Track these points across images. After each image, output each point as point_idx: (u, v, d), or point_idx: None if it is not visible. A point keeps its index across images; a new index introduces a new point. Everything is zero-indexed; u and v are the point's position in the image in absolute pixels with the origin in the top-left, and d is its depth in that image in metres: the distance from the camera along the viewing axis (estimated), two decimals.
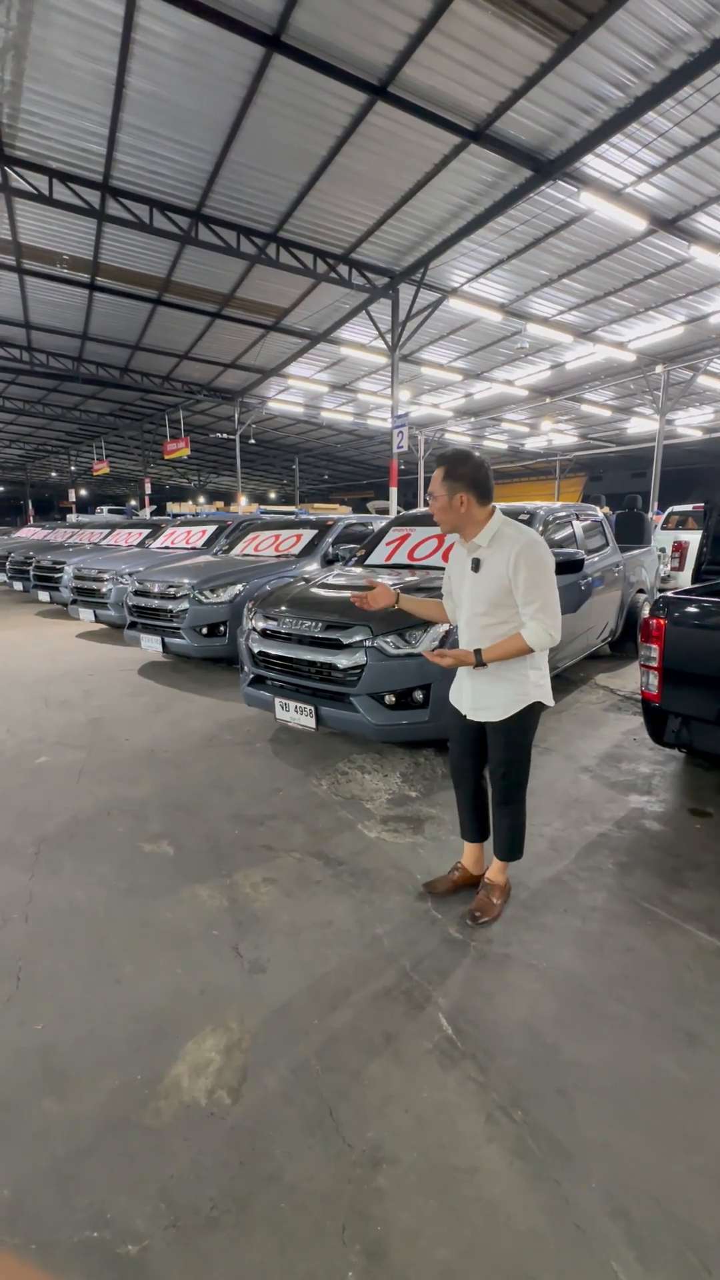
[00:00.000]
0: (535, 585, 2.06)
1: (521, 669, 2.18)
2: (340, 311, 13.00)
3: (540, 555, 2.07)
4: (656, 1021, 1.85)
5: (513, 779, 2.29)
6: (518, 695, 2.19)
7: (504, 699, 2.20)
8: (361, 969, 2.07)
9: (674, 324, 12.99)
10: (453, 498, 2.11)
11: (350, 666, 3.46)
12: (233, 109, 7.01)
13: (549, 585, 2.08)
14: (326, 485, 42.56)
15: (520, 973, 2.05)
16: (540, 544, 2.09)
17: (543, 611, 2.06)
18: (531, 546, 2.07)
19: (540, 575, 2.07)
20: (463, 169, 7.91)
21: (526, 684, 2.19)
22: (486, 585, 2.14)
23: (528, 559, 2.05)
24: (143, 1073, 1.68)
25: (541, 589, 2.06)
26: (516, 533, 2.11)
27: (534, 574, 2.06)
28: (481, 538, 2.14)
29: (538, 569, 2.06)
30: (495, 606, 2.14)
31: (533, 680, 2.20)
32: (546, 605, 2.06)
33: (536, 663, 2.21)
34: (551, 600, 2.07)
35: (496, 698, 2.21)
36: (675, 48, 5.79)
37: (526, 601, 2.07)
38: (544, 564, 2.07)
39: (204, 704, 5.03)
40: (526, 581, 2.06)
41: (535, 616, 2.07)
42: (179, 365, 17.34)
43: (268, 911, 2.38)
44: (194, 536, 8.96)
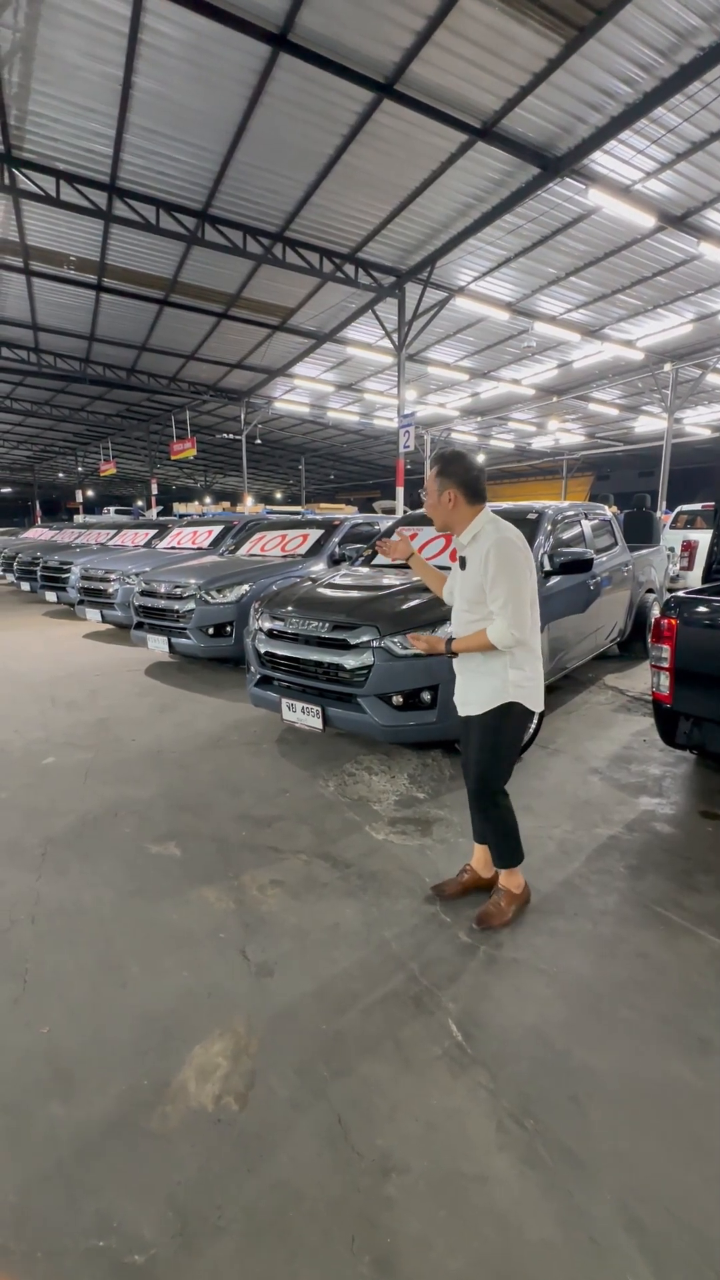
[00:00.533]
0: (499, 581, 2.07)
1: (499, 667, 2.17)
2: (346, 311, 12.98)
3: (508, 552, 2.08)
4: (669, 1027, 1.82)
5: (482, 780, 2.26)
6: (493, 692, 2.19)
7: (480, 694, 2.22)
8: (369, 973, 2.05)
9: (682, 321, 12.90)
10: (441, 494, 2.18)
11: (357, 667, 3.44)
12: (239, 109, 7.00)
13: (515, 582, 2.07)
14: (333, 485, 42.57)
15: (530, 977, 2.03)
16: (511, 542, 2.10)
17: (505, 608, 2.07)
18: (501, 544, 2.08)
19: (505, 572, 2.07)
20: (469, 167, 7.87)
21: (505, 683, 2.17)
22: (468, 582, 2.18)
23: (495, 554, 2.08)
24: (150, 1077, 1.67)
25: (506, 585, 2.07)
26: (494, 530, 2.14)
27: (499, 570, 2.07)
28: (465, 536, 2.19)
29: (503, 565, 2.07)
30: (474, 604, 2.17)
31: (512, 680, 2.17)
32: (510, 601, 2.06)
33: (518, 663, 2.17)
34: (516, 597, 2.07)
35: (474, 692, 2.24)
36: (685, 42, 5.73)
37: (493, 598, 2.09)
38: (511, 561, 2.08)
39: (211, 705, 5.02)
40: (493, 578, 2.08)
41: (499, 612, 2.08)
42: (185, 366, 17.37)
43: (275, 914, 2.36)
44: (200, 537, 8.97)
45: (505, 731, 2.23)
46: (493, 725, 2.22)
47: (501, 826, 2.28)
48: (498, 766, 2.26)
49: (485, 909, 2.30)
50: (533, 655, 2.20)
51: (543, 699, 2.30)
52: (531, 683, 2.21)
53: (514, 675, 2.17)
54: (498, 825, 2.28)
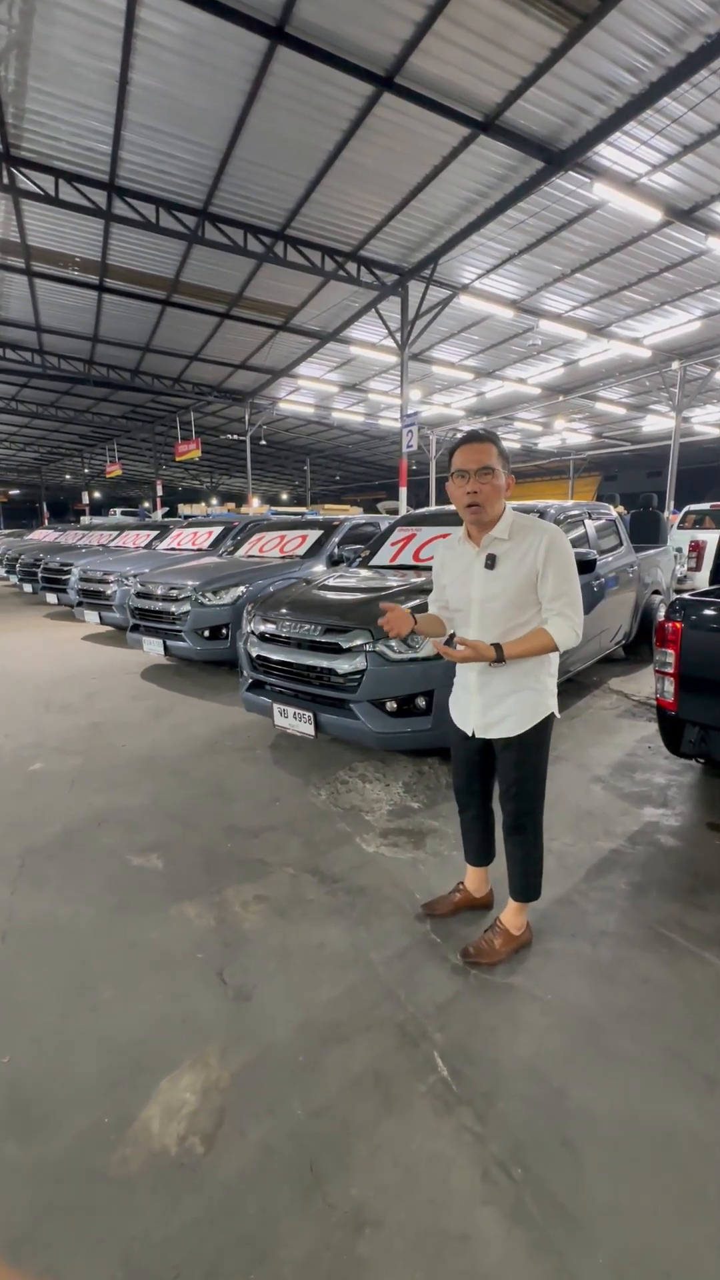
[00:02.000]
0: (565, 578, 1.89)
1: (540, 675, 1.98)
2: (349, 310, 12.88)
3: (568, 547, 1.92)
4: (673, 1062, 1.69)
5: (525, 803, 2.04)
6: (535, 705, 1.97)
7: (521, 710, 1.97)
8: (353, 999, 1.94)
9: (691, 319, 12.71)
10: (505, 477, 1.90)
11: (350, 672, 3.33)
12: (237, 104, 6.91)
13: (576, 579, 1.93)
14: (338, 486, 42.49)
15: (525, 1005, 1.91)
16: (565, 539, 1.93)
17: (570, 607, 1.89)
18: (560, 537, 1.91)
19: (570, 568, 1.91)
20: (472, 161, 7.75)
21: (544, 692, 1.99)
22: (509, 583, 1.89)
23: (559, 550, 1.89)
24: (113, 1114, 1.56)
25: (571, 582, 1.90)
26: (535, 524, 1.93)
27: (563, 567, 1.89)
28: (500, 529, 1.92)
29: (567, 561, 1.90)
30: (518, 607, 1.91)
31: (549, 688, 2.01)
32: (574, 600, 1.90)
33: (550, 667, 2.02)
34: (578, 595, 1.91)
35: (512, 708, 1.97)
36: (691, 29, 5.59)
37: (555, 595, 1.88)
38: (571, 556, 1.93)
39: (206, 709, 4.93)
40: (556, 575, 1.88)
41: (562, 612, 1.88)
42: (189, 367, 17.33)
43: (257, 932, 2.25)
44: (200, 538, 8.89)
45: (545, 746, 2.05)
46: (535, 742, 2.00)
47: (535, 852, 2.10)
48: (540, 786, 2.07)
49: (478, 944, 2.10)
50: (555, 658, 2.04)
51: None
52: (556, 687, 2.08)
53: (550, 683, 2.02)
54: (529, 851, 2.09)
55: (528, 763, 2.02)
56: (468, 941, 2.16)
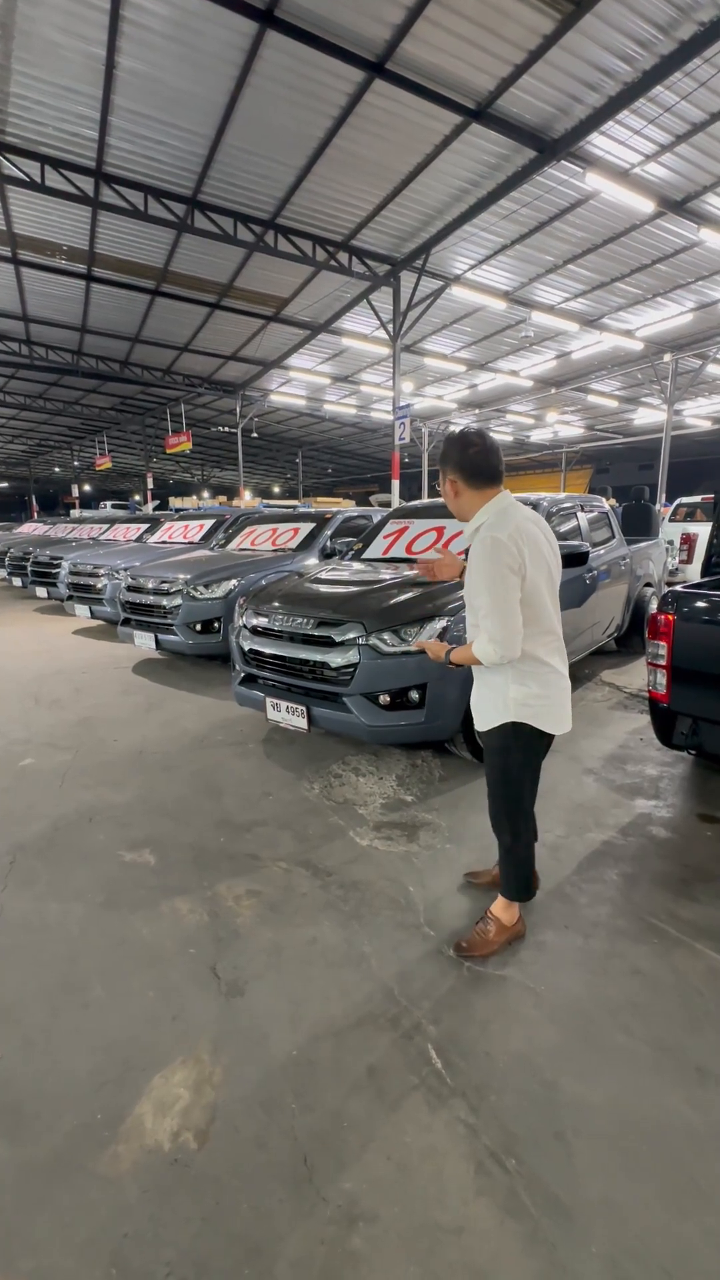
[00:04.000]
0: (478, 589, 1.81)
1: (500, 682, 1.94)
2: (341, 301, 12.77)
3: (490, 554, 1.76)
4: (665, 1055, 1.70)
5: (492, 804, 2.10)
6: (492, 710, 1.99)
7: (483, 708, 2.04)
8: (346, 992, 1.93)
9: (682, 311, 12.70)
10: (445, 483, 1.95)
11: (343, 665, 3.31)
12: (226, 90, 6.80)
13: (497, 592, 1.76)
14: (331, 479, 42.31)
15: (518, 997, 1.91)
16: (497, 540, 1.76)
17: (487, 619, 1.80)
18: (480, 543, 1.80)
19: (485, 578, 1.78)
20: (464, 150, 7.68)
21: (504, 699, 1.93)
22: (466, 585, 1.98)
23: (477, 553, 1.81)
24: (104, 1111, 1.55)
25: (486, 594, 1.78)
26: (490, 524, 1.83)
27: (477, 574, 1.81)
28: (470, 527, 1.92)
29: (483, 570, 1.78)
30: (471, 607, 1.95)
31: (513, 696, 1.91)
32: (493, 615, 1.78)
33: (521, 677, 1.90)
34: (499, 608, 1.76)
35: (479, 704, 2.06)
36: (685, 17, 5.54)
37: (475, 607, 1.87)
38: (493, 564, 1.76)
39: (198, 703, 4.90)
40: (471, 583, 1.86)
41: (483, 625, 1.82)
42: (179, 358, 17.15)
43: (249, 927, 2.24)
44: (192, 531, 8.82)
45: (510, 753, 1.98)
46: (495, 746, 2.02)
47: (510, 857, 2.08)
48: (508, 790, 2.04)
49: (471, 935, 2.11)
50: (543, 668, 1.91)
51: (565, 718, 1.99)
52: (540, 700, 1.91)
53: (516, 692, 1.90)
54: (506, 851, 2.10)
55: (490, 764, 2.08)
56: (462, 936, 2.16)
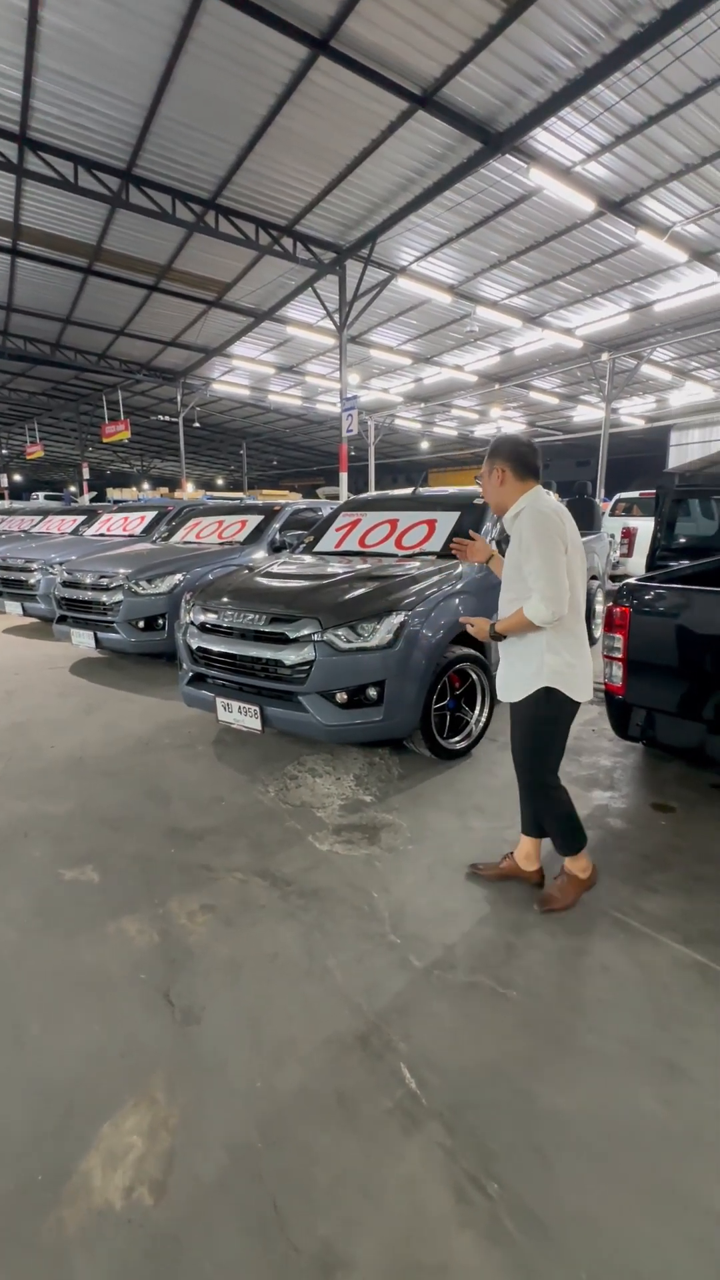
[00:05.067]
0: (531, 554, 2.03)
1: (535, 650, 2.12)
2: (286, 288, 12.49)
3: (539, 524, 2.03)
4: (636, 1053, 1.68)
5: (528, 770, 2.25)
6: (528, 677, 2.14)
7: (515, 679, 2.18)
8: (311, 1011, 1.82)
9: (619, 311, 13.08)
10: (491, 471, 2.18)
11: (298, 663, 3.18)
12: (162, 56, 6.46)
13: (548, 554, 2.01)
14: (276, 471, 41.70)
15: (487, 1003, 1.85)
16: (543, 513, 2.04)
17: (539, 580, 2.01)
18: (535, 515, 2.05)
19: (538, 544, 2.02)
20: (410, 138, 7.59)
21: (540, 667, 2.11)
22: (508, 561, 2.17)
23: (529, 527, 2.04)
24: (45, 1169, 1.39)
25: (538, 558, 2.01)
26: (529, 503, 2.10)
27: (531, 541, 2.03)
28: (508, 516, 2.17)
29: (535, 536, 2.02)
30: (510, 583, 2.16)
31: (549, 665, 2.10)
32: (543, 574, 2.00)
33: (555, 647, 2.10)
34: (550, 571, 2.00)
35: (510, 677, 2.21)
36: (625, 16, 5.62)
37: (527, 572, 2.05)
38: (543, 531, 2.02)
39: (141, 704, 4.65)
40: (524, 550, 2.05)
41: (534, 587, 2.02)
42: (115, 342, 16.42)
43: (204, 945, 2.10)
44: (132, 523, 8.43)
45: (543, 720, 2.17)
46: (529, 713, 2.17)
47: (557, 813, 2.25)
48: (541, 756, 2.22)
49: (549, 891, 2.29)
50: (574, 639, 2.14)
51: (589, 687, 2.19)
52: (571, 669, 2.12)
53: (551, 660, 2.10)
54: (552, 813, 2.25)
55: (524, 732, 2.22)
56: (431, 942, 2.09)
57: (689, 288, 11.61)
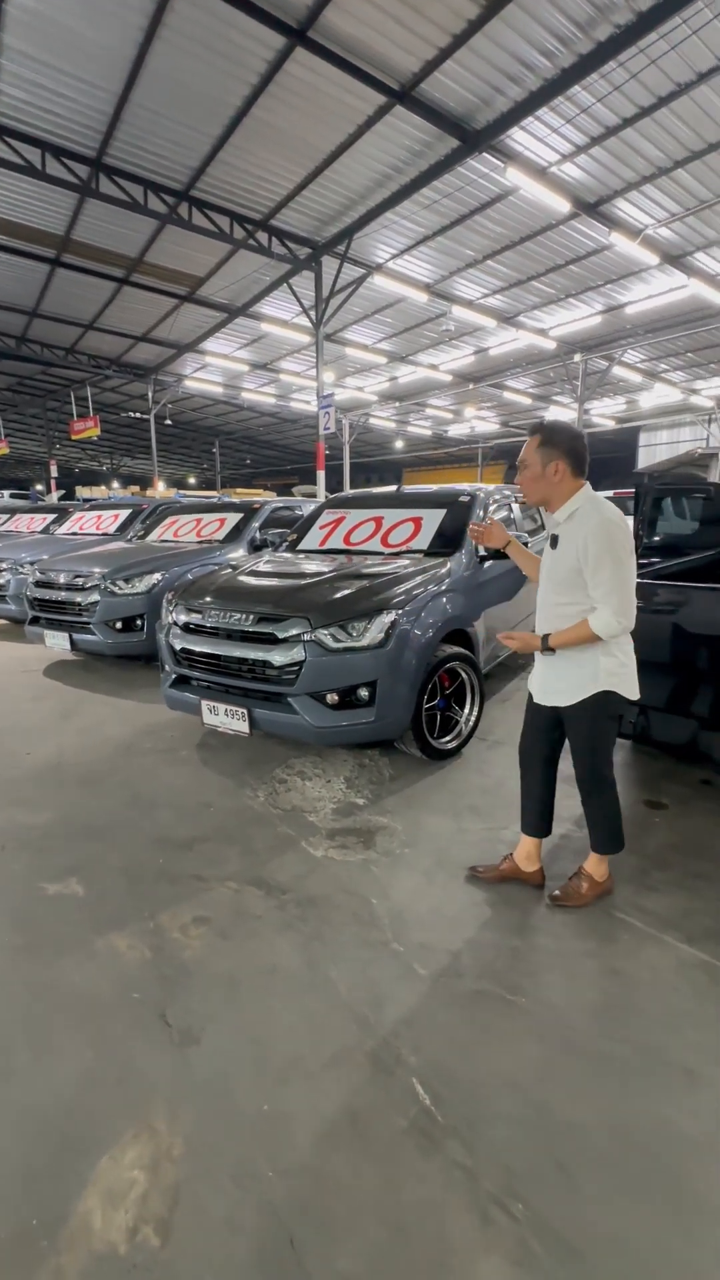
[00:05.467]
0: (603, 566, 1.95)
1: (590, 653, 2.08)
2: (260, 283, 12.33)
3: (613, 534, 1.96)
4: (651, 1060, 1.65)
5: (587, 771, 2.22)
6: (584, 681, 2.10)
7: (570, 684, 2.13)
8: (316, 1026, 1.75)
9: (592, 312, 13.25)
10: (547, 466, 2.04)
11: (287, 663, 3.09)
12: (134, 40, 6.28)
13: (621, 568, 1.97)
14: (249, 470, 41.27)
15: (497, 1012, 1.80)
16: (616, 523, 1.97)
17: (611, 594, 1.95)
18: (605, 525, 1.96)
19: (611, 555, 1.95)
20: (387, 133, 7.53)
21: (596, 670, 2.07)
22: (560, 564, 2.07)
23: (598, 537, 1.95)
24: (40, 1213, 1.29)
25: (611, 571, 1.95)
26: (593, 509, 2.00)
27: (603, 553, 1.95)
28: (562, 513, 2.07)
29: (608, 548, 1.95)
30: (568, 587, 2.05)
31: (604, 667, 2.06)
32: (616, 588, 1.95)
33: (610, 649, 2.08)
34: (622, 585, 1.96)
35: (561, 681, 2.14)
36: (603, 17, 5.65)
37: (596, 584, 1.97)
38: (617, 543, 1.96)
39: (120, 707, 4.50)
40: (595, 561, 1.96)
41: (604, 600, 1.97)
42: (84, 336, 16.02)
43: (200, 961, 2.01)
44: (106, 522, 8.21)
45: (602, 721, 2.14)
46: (589, 716, 2.13)
47: (610, 811, 2.25)
48: (602, 756, 2.20)
49: (567, 887, 2.29)
50: (626, 641, 2.11)
51: (636, 686, 2.15)
52: (625, 669, 2.11)
53: (606, 663, 2.07)
54: (605, 810, 2.24)
55: (581, 733, 2.18)
56: (435, 949, 2.03)
57: (659, 290, 11.81)
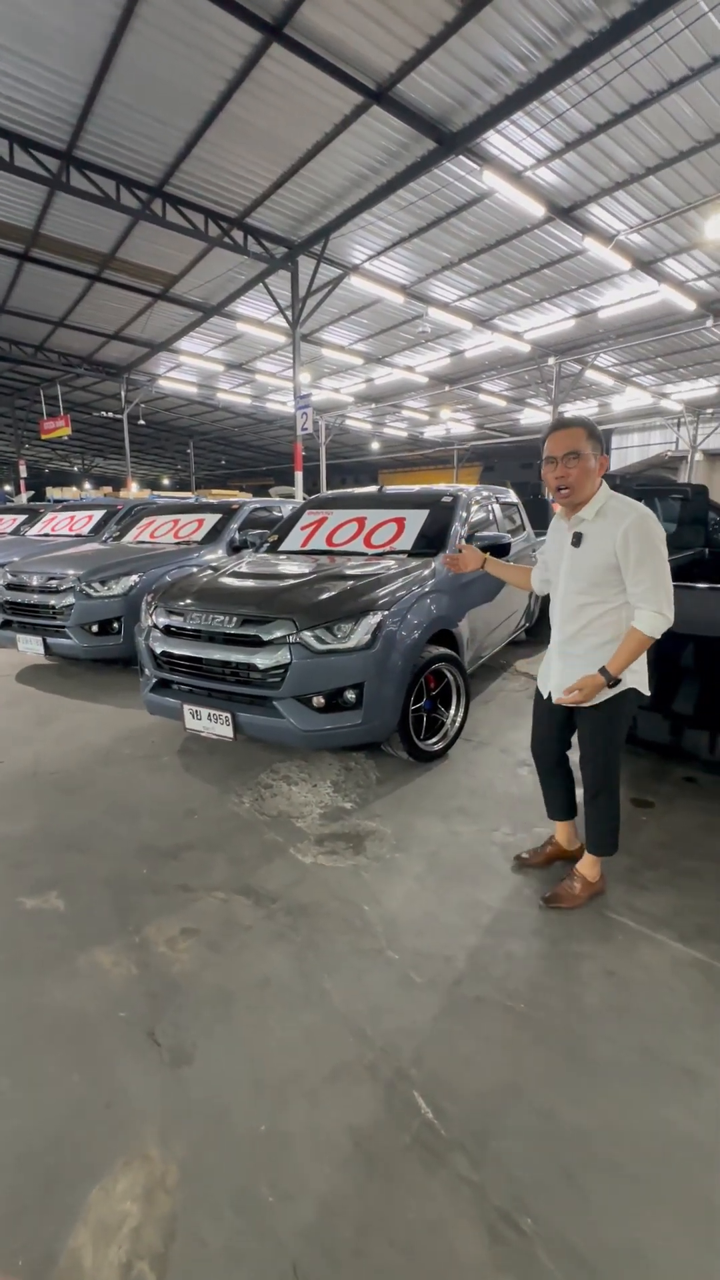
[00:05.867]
0: (645, 564, 1.92)
1: (609, 654, 2.03)
2: (235, 282, 12.21)
3: (653, 530, 1.93)
4: (652, 1062, 1.63)
5: (599, 772, 2.18)
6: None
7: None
8: (312, 1041, 1.70)
9: (566, 316, 13.41)
10: (593, 454, 1.98)
11: (272, 666, 3.03)
12: (105, 32, 6.14)
13: (662, 563, 1.94)
14: (224, 471, 40.89)
15: (497, 1018, 1.77)
16: (652, 519, 1.95)
17: (653, 591, 1.92)
18: (644, 521, 1.93)
19: (653, 552, 1.92)
20: (364, 133, 7.51)
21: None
22: (587, 562, 2.01)
23: (639, 534, 1.91)
24: (27, 1252, 1.22)
25: (653, 568, 1.92)
26: (626, 506, 1.97)
27: (645, 551, 1.92)
28: (588, 510, 2.01)
29: (652, 546, 1.92)
30: (595, 586, 2.01)
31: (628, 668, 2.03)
32: (658, 584, 1.92)
33: None
34: (665, 581, 1.93)
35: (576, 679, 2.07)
36: (577, 23, 5.71)
37: (637, 581, 1.94)
38: (657, 538, 1.93)
39: (98, 713, 4.38)
40: (638, 559, 1.92)
41: (645, 598, 1.93)
42: (54, 333, 15.67)
43: (189, 975, 1.94)
44: (80, 523, 8.03)
45: (620, 720, 2.13)
46: (606, 715, 2.10)
47: (611, 812, 2.22)
48: (616, 756, 2.17)
49: (559, 890, 2.28)
50: None
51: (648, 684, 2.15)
52: (642, 666, 2.11)
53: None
54: (606, 812, 2.21)
55: (599, 734, 2.13)
56: (430, 956, 2.00)
57: (631, 295, 12.00)
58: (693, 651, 2.82)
